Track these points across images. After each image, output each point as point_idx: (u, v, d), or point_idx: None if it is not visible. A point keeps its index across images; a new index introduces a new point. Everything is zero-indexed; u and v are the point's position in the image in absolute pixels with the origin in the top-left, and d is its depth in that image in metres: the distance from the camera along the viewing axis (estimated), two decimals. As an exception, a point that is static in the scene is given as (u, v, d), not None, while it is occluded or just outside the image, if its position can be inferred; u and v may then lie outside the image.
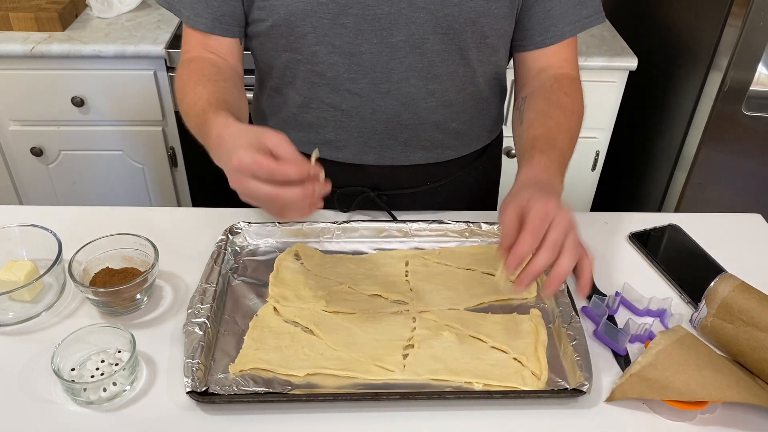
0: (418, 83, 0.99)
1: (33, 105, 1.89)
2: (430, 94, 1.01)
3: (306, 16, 0.93)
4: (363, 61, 0.97)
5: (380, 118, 1.02)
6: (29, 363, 0.83)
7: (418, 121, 1.03)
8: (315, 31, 0.94)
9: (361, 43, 0.95)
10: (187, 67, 0.99)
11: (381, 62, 0.97)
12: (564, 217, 0.77)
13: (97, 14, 1.95)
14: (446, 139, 1.08)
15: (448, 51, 0.97)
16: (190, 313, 0.86)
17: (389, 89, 1.00)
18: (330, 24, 0.94)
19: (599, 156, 2.03)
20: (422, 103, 1.02)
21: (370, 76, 0.98)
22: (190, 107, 0.92)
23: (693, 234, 1.09)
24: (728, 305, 0.86)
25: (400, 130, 1.04)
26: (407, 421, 0.78)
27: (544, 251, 0.75)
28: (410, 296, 0.94)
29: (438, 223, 1.05)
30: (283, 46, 0.98)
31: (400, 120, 1.03)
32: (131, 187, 2.08)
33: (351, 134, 1.05)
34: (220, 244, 0.98)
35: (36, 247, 0.94)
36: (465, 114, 1.07)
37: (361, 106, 1.01)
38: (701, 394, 0.76)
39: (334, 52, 0.96)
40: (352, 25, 0.94)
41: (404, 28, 0.94)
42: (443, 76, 1.00)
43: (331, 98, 1.01)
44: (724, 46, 1.67)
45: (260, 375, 0.81)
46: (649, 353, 0.82)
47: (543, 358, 0.84)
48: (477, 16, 0.95)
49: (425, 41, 0.95)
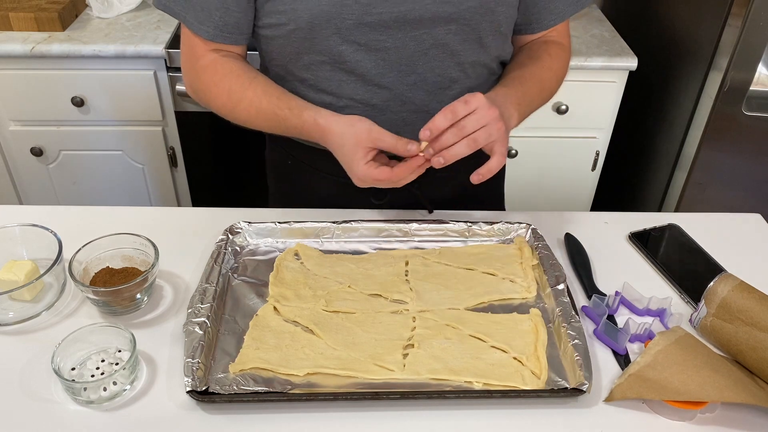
0: (442, 72, 1.02)
1: (33, 105, 1.89)
2: (454, 81, 1.03)
3: (330, 18, 0.94)
4: (389, 56, 0.99)
5: (410, 109, 1.04)
6: (29, 362, 0.83)
7: None
8: (340, 32, 0.95)
9: (386, 39, 0.97)
10: (213, 73, 1.02)
11: (406, 56, 0.99)
12: (488, 112, 0.88)
13: (97, 14, 1.96)
14: None
15: (468, 41, 1.00)
16: (190, 312, 0.86)
17: (416, 81, 1.02)
18: (354, 24, 0.94)
19: (599, 156, 2.03)
20: (448, 91, 1.04)
21: (396, 70, 1.00)
22: (253, 115, 1.02)
23: (693, 234, 1.09)
24: (728, 305, 0.86)
25: (429, 118, 1.05)
26: (407, 420, 0.78)
27: (449, 132, 0.88)
28: (410, 296, 0.94)
29: (438, 223, 1.05)
30: (306, 49, 0.99)
31: (429, 109, 1.04)
32: (131, 187, 2.09)
33: (383, 127, 1.05)
34: (220, 243, 0.98)
35: (36, 246, 0.94)
36: None
37: (390, 100, 1.03)
38: (700, 394, 0.76)
39: (360, 50, 0.98)
40: (376, 23, 0.95)
41: (428, 22, 0.96)
42: (465, 65, 1.03)
43: (361, 94, 1.02)
44: (724, 46, 1.67)
45: (260, 374, 0.81)
46: (648, 353, 0.82)
47: (543, 357, 0.84)
48: (495, 6, 0.98)
49: (448, 32, 0.98)
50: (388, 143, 0.92)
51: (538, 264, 0.98)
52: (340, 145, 0.94)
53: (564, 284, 0.93)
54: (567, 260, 1.03)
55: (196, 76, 1.05)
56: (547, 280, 0.94)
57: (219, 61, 1.02)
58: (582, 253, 1.03)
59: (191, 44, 1.03)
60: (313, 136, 0.98)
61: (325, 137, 0.96)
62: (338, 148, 0.95)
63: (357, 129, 0.93)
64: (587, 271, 1.00)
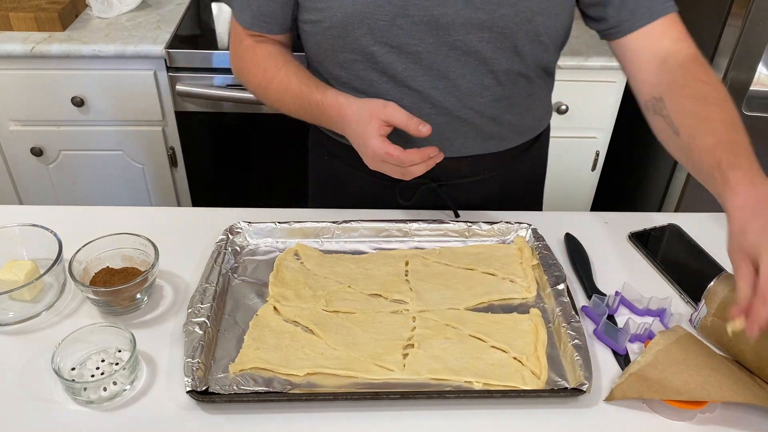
0: (474, 79, 1.01)
1: (33, 105, 1.89)
2: (485, 88, 1.03)
3: (363, 18, 0.94)
4: (421, 59, 0.98)
5: (440, 113, 1.04)
6: (29, 362, 0.83)
7: (475, 115, 1.05)
8: (372, 32, 0.96)
9: (418, 42, 0.97)
10: (252, 55, 1.07)
11: (438, 60, 0.99)
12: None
13: (97, 14, 1.96)
14: (502, 131, 1.10)
15: (502, 49, 0.99)
16: (190, 312, 0.86)
17: (447, 86, 1.01)
18: (387, 25, 0.95)
19: (599, 156, 2.03)
20: (479, 98, 1.03)
21: (428, 73, 1.00)
22: (282, 93, 1.05)
23: (693, 234, 1.09)
24: (728, 305, 0.86)
25: (459, 123, 1.06)
26: (407, 420, 0.78)
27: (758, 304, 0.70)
28: (410, 296, 0.94)
29: (438, 223, 1.05)
30: (341, 47, 0.99)
31: (459, 114, 1.04)
32: (131, 187, 2.09)
33: None
34: (220, 243, 0.98)
35: (36, 246, 0.94)
36: (518, 106, 1.09)
37: (420, 102, 1.03)
38: (700, 393, 0.76)
39: (392, 52, 0.98)
40: (409, 26, 0.95)
41: (460, 28, 0.95)
42: (498, 72, 1.01)
43: (392, 95, 1.02)
44: (724, 46, 1.67)
45: (260, 374, 0.81)
46: (648, 353, 0.82)
47: (543, 357, 0.84)
48: (532, 15, 0.96)
49: (481, 39, 0.97)
50: (400, 119, 0.92)
51: (538, 264, 0.98)
52: (356, 121, 0.95)
53: (564, 284, 0.93)
54: (567, 260, 1.03)
55: (238, 57, 1.10)
56: (547, 280, 0.94)
57: (258, 45, 1.07)
58: (582, 253, 1.03)
59: (235, 28, 1.09)
60: (331, 115, 0.99)
61: (342, 113, 0.97)
62: (354, 124, 0.96)
63: (372, 103, 0.94)
64: (587, 271, 1.00)
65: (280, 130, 1.93)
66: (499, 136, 1.10)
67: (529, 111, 1.11)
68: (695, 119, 0.89)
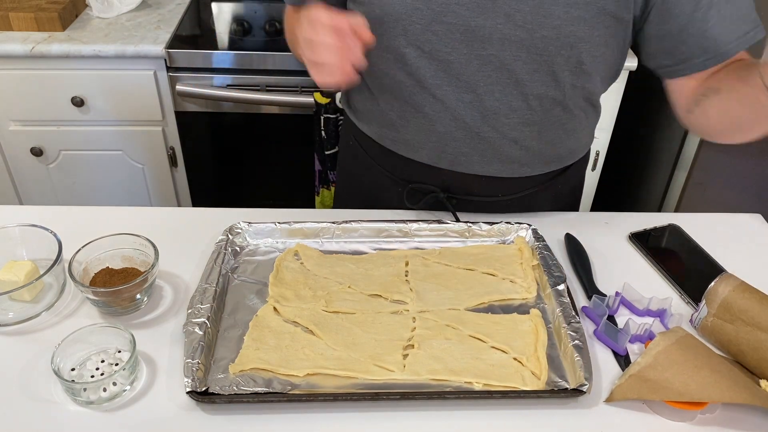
0: (502, 98, 0.98)
1: (33, 105, 1.89)
2: (513, 110, 0.99)
3: (399, 18, 0.93)
4: (451, 68, 0.96)
5: (460, 127, 1.02)
6: (29, 363, 0.83)
7: (497, 135, 1.02)
8: (406, 34, 0.95)
9: (451, 51, 0.95)
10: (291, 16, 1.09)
11: (468, 72, 0.96)
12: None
13: (97, 14, 1.96)
14: (524, 156, 1.06)
15: (539, 72, 0.95)
16: (190, 313, 0.86)
17: (472, 100, 0.99)
18: (422, 30, 0.93)
19: (599, 156, 2.03)
20: (504, 118, 1.00)
21: (455, 84, 0.98)
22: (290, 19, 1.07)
23: (693, 234, 1.09)
24: (728, 305, 0.86)
25: (478, 140, 1.03)
26: (407, 420, 0.78)
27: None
28: (410, 296, 0.94)
29: (438, 223, 1.05)
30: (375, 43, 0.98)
31: (480, 132, 1.02)
32: (131, 187, 2.09)
33: (429, 137, 1.05)
34: (220, 244, 0.98)
35: (36, 247, 0.94)
36: (548, 134, 1.04)
37: (442, 112, 1.01)
38: (700, 394, 0.76)
39: (423, 57, 0.96)
40: (444, 33, 0.93)
41: (497, 43, 0.93)
42: (530, 96, 0.98)
43: (415, 99, 1.01)
44: (724, 46, 1.67)
45: (260, 375, 0.81)
46: (648, 354, 0.82)
47: (543, 358, 0.84)
48: (576, 41, 0.92)
49: (517, 59, 0.94)
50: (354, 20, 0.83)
51: (539, 264, 0.98)
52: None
53: (564, 285, 0.93)
54: (567, 260, 1.03)
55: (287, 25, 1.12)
56: (547, 280, 0.94)
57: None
58: (582, 254, 1.03)
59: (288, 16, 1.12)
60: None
61: None
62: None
63: None
64: (587, 272, 1.00)
65: (280, 129, 1.93)
66: (520, 161, 1.06)
67: (560, 141, 1.06)
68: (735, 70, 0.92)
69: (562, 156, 1.10)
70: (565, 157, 1.11)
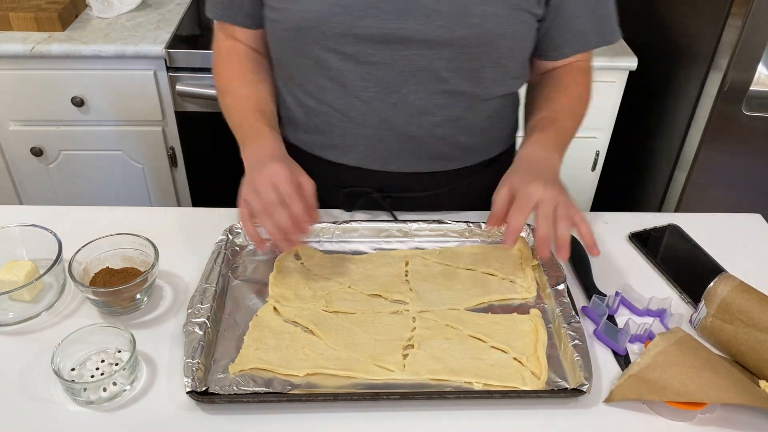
0: (427, 97, 0.99)
1: (33, 105, 1.89)
2: (438, 108, 1.00)
3: (319, 24, 0.93)
4: (374, 70, 0.96)
5: (387, 128, 1.02)
6: (29, 363, 0.83)
7: (424, 134, 1.03)
8: (327, 39, 0.94)
9: (373, 53, 0.95)
10: (226, 58, 1.08)
11: (392, 74, 0.97)
12: (549, 192, 0.86)
13: (97, 14, 1.95)
14: (453, 151, 1.07)
15: (462, 69, 0.96)
16: (190, 313, 0.86)
17: (398, 100, 0.99)
18: (342, 34, 0.93)
19: (599, 156, 2.03)
20: (430, 117, 1.01)
21: (380, 86, 0.98)
22: (235, 108, 1.04)
23: (693, 234, 1.09)
24: (727, 306, 0.86)
25: (406, 140, 1.03)
26: (407, 420, 0.78)
27: (540, 221, 0.86)
28: (410, 296, 0.94)
29: (438, 223, 1.05)
30: (295, 50, 0.98)
31: (407, 131, 1.02)
32: (131, 187, 2.08)
33: (357, 140, 1.05)
34: (220, 244, 0.98)
35: (36, 247, 0.94)
36: (474, 128, 1.06)
37: (368, 114, 1.01)
38: (699, 395, 0.76)
39: (345, 61, 0.96)
40: (365, 36, 0.93)
41: (418, 44, 0.93)
42: (454, 93, 0.99)
43: (340, 104, 1.01)
44: (724, 46, 1.67)
45: (260, 375, 0.81)
46: (647, 354, 0.82)
47: (543, 358, 0.84)
48: (495, 38, 0.94)
49: (439, 58, 0.95)
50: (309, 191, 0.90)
51: (538, 264, 0.98)
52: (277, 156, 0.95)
53: (564, 284, 0.93)
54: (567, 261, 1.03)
55: (216, 58, 1.11)
56: (547, 280, 0.94)
57: (234, 49, 1.07)
58: (582, 254, 1.02)
59: (216, 36, 1.11)
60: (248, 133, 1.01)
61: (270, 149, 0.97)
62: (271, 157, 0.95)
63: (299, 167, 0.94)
64: (587, 272, 1.00)
65: (280, 130, 1.92)
66: (449, 157, 1.08)
67: (485, 133, 1.09)
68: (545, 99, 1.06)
69: (489, 148, 1.13)
70: (491, 148, 1.14)
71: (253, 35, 1.07)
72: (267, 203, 0.88)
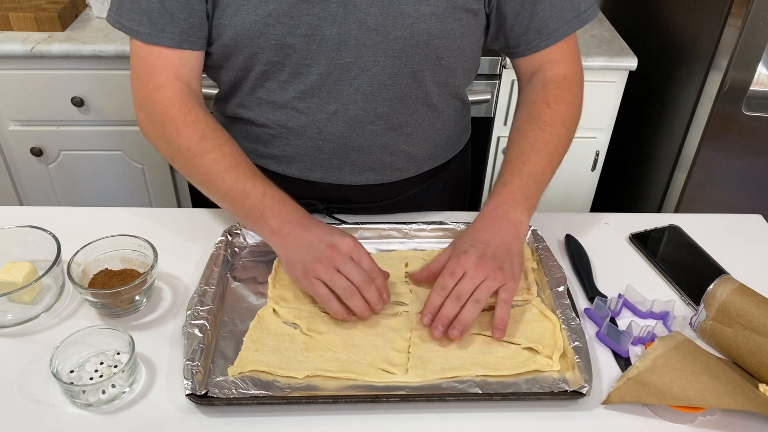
0: (366, 105, 0.97)
1: (33, 105, 1.89)
2: (378, 116, 0.99)
3: (253, 37, 0.91)
4: (310, 81, 0.95)
5: (327, 138, 1.01)
6: (28, 365, 0.83)
7: (365, 143, 1.02)
8: (263, 51, 0.92)
9: (310, 63, 0.93)
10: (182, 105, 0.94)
11: (329, 83, 0.95)
12: (477, 273, 0.84)
13: (97, 14, 1.95)
14: (396, 161, 1.06)
15: (400, 74, 0.95)
16: (189, 314, 0.86)
17: (336, 110, 0.98)
18: (277, 45, 0.92)
19: (599, 156, 2.03)
20: (370, 125, 1.00)
21: (317, 96, 0.96)
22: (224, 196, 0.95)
23: (693, 234, 1.09)
24: (727, 308, 0.86)
25: (347, 151, 1.02)
26: (407, 423, 0.78)
27: (448, 301, 0.84)
28: (410, 297, 0.94)
29: (438, 224, 1.04)
30: (231, 65, 0.97)
31: (347, 141, 1.01)
32: (131, 187, 2.08)
33: (297, 151, 1.04)
34: (219, 245, 0.98)
35: (35, 248, 0.94)
36: (417, 136, 1.05)
37: (307, 126, 1.00)
38: (698, 400, 0.76)
39: (283, 71, 0.95)
40: (300, 45, 0.91)
41: (353, 49, 0.92)
42: (393, 99, 0.97)
43: (278, 116, 1.00)
44: (724, 46, 1.67)
45: (259, 377, 0.81)
46: (646, 358, 0.82)
47: (560, 340, 0.85)
48: (430, 38, 0.92)
49: (375, 63, 0.93)
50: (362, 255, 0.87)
51: (539, 265, 0.98)
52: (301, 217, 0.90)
53: (564, 286, 0.92)
54: (567, 262, 1.03)
55: (154, 106, 0.97)
56: (547, 281, 0.94)
57: (190, 98, 0.95)
58: (583, 255, 1.02)
59: (149, 67, 0.95)
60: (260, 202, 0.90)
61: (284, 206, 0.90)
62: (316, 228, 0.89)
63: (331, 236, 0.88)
64: (588, 273, 0.99)
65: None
66: (392, 166, 1.06)
67: (429, 141, 1.07)
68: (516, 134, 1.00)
69: (435, 155, 1.11)
70: (436, 157, 1.11)
71: (197, 61, 0.96)
72: (358, 283, 0.85)
